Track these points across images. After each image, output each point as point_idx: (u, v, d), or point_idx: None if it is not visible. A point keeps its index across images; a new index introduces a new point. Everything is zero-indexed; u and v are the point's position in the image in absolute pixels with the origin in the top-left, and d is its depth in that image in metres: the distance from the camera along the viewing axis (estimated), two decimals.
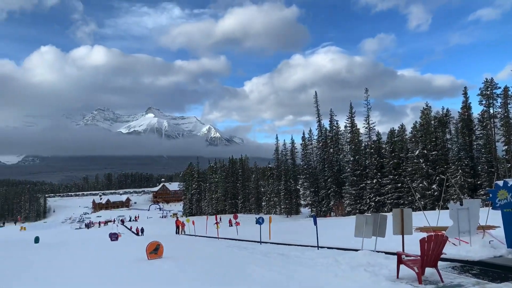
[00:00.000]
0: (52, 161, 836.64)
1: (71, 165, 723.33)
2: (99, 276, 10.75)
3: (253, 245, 17.36)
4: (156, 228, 57.86)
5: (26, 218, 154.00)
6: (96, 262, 14.50)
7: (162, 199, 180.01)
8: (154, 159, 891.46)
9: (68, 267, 13.45)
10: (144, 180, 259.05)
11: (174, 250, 15.93)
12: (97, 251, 19.77)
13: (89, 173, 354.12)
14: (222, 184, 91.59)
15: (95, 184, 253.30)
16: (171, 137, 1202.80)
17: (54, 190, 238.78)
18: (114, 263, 13.61)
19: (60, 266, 13.98)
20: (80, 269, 12.52)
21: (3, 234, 68.60)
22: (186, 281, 9.23)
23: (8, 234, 67.99)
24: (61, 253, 19.73)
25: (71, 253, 18.98)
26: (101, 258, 16.11)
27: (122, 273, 11.04)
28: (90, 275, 11.14)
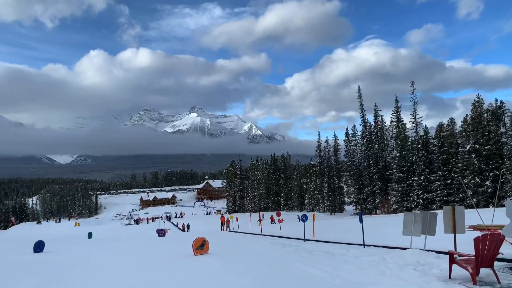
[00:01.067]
0: (102, 160, 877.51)
1: (120, 164, 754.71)
2: (149, 270, 11.17)
3: (297, 243, 17.30)
4: (201, 225, 59.14)
5: (80, 214, 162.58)
6: (146, 257, 15.06)
7: (206, 196, 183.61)
8: (197, 157, 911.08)
9: (120, 261, 14.08)
10: (188, 178, 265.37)
11: (219, 246, 16.21)
12: (146, 246, 20.51)
13: (137, 171, 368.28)
14: (264, 182, 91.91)
15: (143, 181, 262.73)
16: (214, 136, 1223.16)
17: (104, 188, 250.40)
18: (162, 258, 14.07)
19: (113, 260, 14.66)
20: (130, 263, 13.06)
21: (60, 230, 72.98)
22: (232, 277, 9.37)
23: (64, 230, 72.24)
24: (113, 248, 20.67)
25: (122, 248, 19.84)
26: (150, 253, 16.70)
27: (170, 268, 11.40)
28: (140, 269, 11.60)
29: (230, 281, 8.91)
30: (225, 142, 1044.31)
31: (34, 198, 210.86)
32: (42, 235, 39.84)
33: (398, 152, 55.51)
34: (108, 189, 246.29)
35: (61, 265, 13.43)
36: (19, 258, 16.21)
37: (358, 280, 7.85)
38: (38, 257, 16.29)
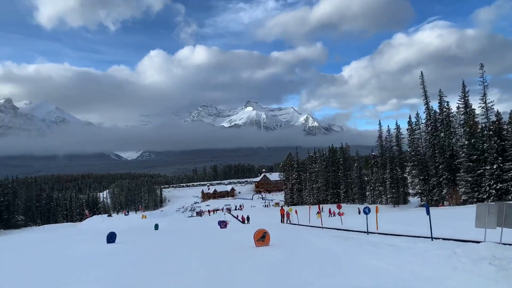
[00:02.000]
0: (165, 155, 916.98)
1: (182, 159, 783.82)
2: (214, 260, 11.52)
3: (359, 236, 16.92)
4: (260, 217, 59.84)
5: (146, 207, 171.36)
6: (210, 247, 15.55)
7: (264, 189, 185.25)
8: (254, 150, 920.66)
9: (186, 250, 14.67)
10: (246, 171, 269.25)
11: (280, 238, 16.30)
12: (210, 237, 21.17)
13: (197, 165, 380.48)
14: (323, 174, 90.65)
15: (203, 175, 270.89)
16: (270, 129, 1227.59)
17: (168, 182, 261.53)
18: (226, 249, 14.44)
19: (180, 249, 15.32)
20: (196, 253, 13.56)
21: (128, 222, 77.49)
22: (295, 268, 9.38)
23: (132, 222, 76.61)
24: (179, 238, 21.58)
25: (187, 239, 20.65)
26: (213, 243, 17.21)
27: (234, 258, 11.66)
28: (206, 258, 12.00)
29: (294, 272, 8.92)
30: (281, 135, 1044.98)
31: (104, 192, 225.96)
32: (113, 227, 42.64)
33: (466, 140, 51.92)
34: (171, 183, 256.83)
35: (132, 255, 14.29)
36: (95, 248, 17.48)
37: (427, 274, 7.51)
38: (111, 247, 17.46)
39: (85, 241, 22.23)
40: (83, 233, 34.33)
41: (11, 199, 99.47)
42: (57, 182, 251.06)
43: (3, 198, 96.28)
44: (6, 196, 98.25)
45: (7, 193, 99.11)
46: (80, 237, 27.41)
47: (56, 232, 53.12)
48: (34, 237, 34.05)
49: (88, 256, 14.55)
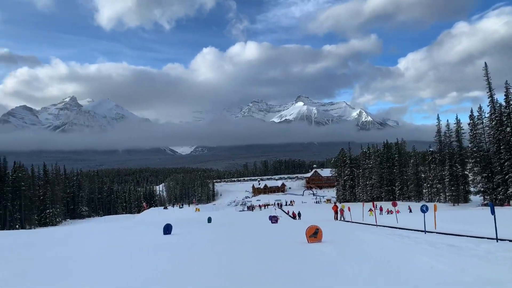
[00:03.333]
0: (217, 150, 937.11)
1: (233, 154, 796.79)
2: (266, 253, 11.65)
3: (416, 234, 16.27)
4: (311, 213, 59.39)
5: (199, 200, 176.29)
6: (262, 241, 15.72)
7: (315, 184, 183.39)
8: (305, 146, 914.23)
9: (239, 243, 14.94)
10: (296, 167, 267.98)
11: (333, 235, 16.11)
12: (261, 231, 21.38)
13: (248, 161, 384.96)
14: (377, 170, 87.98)
15: (254, 170, 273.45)
16: (321, 124, 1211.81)
17: (220, 176, 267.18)
18: (277, 244, 14.52)
19: (233, 242, 15.63)
20: (249, 246, 13.78)
21: (183, 214, 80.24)
22: (349, 266, 9.24)
23: (187, 214, 79.25)
24: (231, 231, 22.02)
25: (240, 232, 21.01)
26: (265, 238, 17.37)
27: (286, 253, 11.71)
28: (258, 252, 12.16)
29: (347, 269, 8.80)
30: (332, 130, 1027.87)
31: (160, 185, 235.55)
32: (169, 219, 44.36)
33: None
34: (223, 177, 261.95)
35: (187, 245, 14.81)
36: (153, 238, 18.32)
37: (493, 278, 7.08)
38: (167, 238, 18.22)
39: (143, 232, 23.35)
40: (141, 224, 36.04)
41: (76, 191, 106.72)
42: (117, 175, 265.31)
43: (69, 190, 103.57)
44: (72, 188, 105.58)
45: (73, 185, 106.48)
46: (139, 228, 28.82)
47: (116, 222, 56.28)
48: (97, 227, 36.36)
49: (147, 245, 15.29)
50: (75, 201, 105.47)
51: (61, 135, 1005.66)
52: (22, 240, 20.47)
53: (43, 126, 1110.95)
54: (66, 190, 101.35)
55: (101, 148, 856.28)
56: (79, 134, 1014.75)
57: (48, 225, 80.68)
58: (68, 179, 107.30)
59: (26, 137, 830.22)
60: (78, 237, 20.53)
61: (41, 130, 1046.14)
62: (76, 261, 11.70)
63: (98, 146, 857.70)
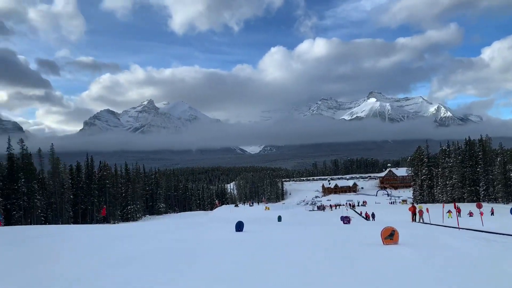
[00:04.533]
0: (285, 149, 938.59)
1: (302, 153, 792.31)
2: (338, 254, 11.34)
3: (505, 239, 14.83)
4: (386, 214, 57.00)
5: (268, 199, 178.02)
6: (333, 241, 15.36)
7: (389, 184, 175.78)
8: (378, 144, 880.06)
9: (310, 243, 14.74)
10: (369, 166, 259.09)
11: (410, 238, 15.26)
12: (333, 232, 20.94)
13: (317, 160, 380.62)
14: (458, 169, 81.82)
15: (323, 169, 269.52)
16: (395, 121, 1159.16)
17: (288, 175, 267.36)
18: (350, 245, 14.09)
19: (303, 241, 15.47)
20: (319, 246, 13.53)
21: (253, 212, 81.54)
22: (428, 270, 8.66)
23: (257, 213, 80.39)
24: (302, 231, 21.85)
25: (311, 232, 20.77)
26: (336, 238, 16.96)
27: (361, 255, 11.29)
28: (332, 252, 11.89)
29: (428, 275, 8.24)
30: (408, 127, 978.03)
31: (231, 184, 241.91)
32: (240, 216, 45.29)
33: None
34: (292, 177, 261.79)
35: (259, 243, 14.96)
36: (226, 235, 18.78)
37: None
38: (239, 235, 18.58)
39: (216, 228, 24.07)
40: (214, 221, 37.26)
41: (154, 188, 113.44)
42: (191, 174, 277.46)
43: (148, 188, 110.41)
44: (151, 186, 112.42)
45: (151, 183, 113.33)
46: (212, 224, 29.78)
47: (191, 219, 58.81)
48: (174, 222, 38.23)
49: (221, 241, 15.72)
50: (154, 198, 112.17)
51: (140, 136, 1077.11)
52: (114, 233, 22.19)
53: (125, 128, 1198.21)
54: (145, 187, 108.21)
55: (176, 148, 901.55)
56: (156, 135, 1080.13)
57: (129, 220, 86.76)
58: (147, 177, 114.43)
59: (109, 139, 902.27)
60: (160, 232, 21.77)
61: (123, 131, 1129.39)
62: (162, 253, 12.36)
63: (174, 146, 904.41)
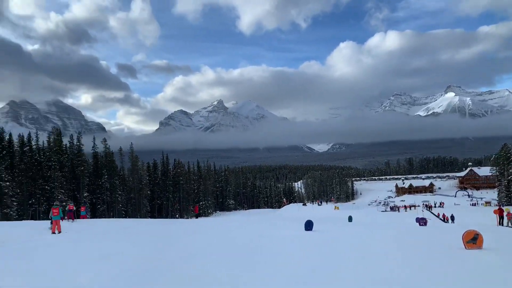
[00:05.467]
0: (355, 147, 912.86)
1: (373, 151, 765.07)
2: (416, 258, 10.64)
3: None
4: (467, 217, 52.85)
5: (338, 198, 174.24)
6: (409, 244, 14.50)
7: (470, 185, 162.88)
8: (457, 141, 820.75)
9: (384, 245, 14.05)
10: (447, 165, 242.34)
11: (496, 242, 13.91)
12: (407, 234, 19.84)
13: (390, 158, 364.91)
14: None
15: (397, 168, 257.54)
16: (477, 116, 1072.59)
17: (359, 174, 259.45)
18: (427, 248, 13.18)
19: (376, 243, 14.79)
20: (395, 249, 12.82)
21: (322, 212, 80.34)
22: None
23: (325, 212, 79.08)
24: (374, 232, 20.97)
25: (384, 233, 19.85)
26: (412, 241, 16.01)
27: (439, 259, 10.50)
28: (406, 256, 11.20)
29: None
30: (491, 123, 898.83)
31: (299, 182, 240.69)
32: (308, 215, 44.79)
33: None
34: (362, 176, 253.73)
35: (329, 242, 14.59)
36: (295, 233, 18.63)
37: None
38: (309, 234, 18.31)
39: (285, 226, 23.99)
40: (282, 219, 37.23)
41: (224, 185, 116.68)
42: (259, 172, 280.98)
43: (218, 185, 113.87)
44: (221, 183, 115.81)
45: (221, 180, 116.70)
46: (280, 222, 29.76)
47: (259, 216, 59.48)
48: (243, 219, 38.95)
49: (291, 239, 15.61)
50: (223, 194, 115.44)
51: (210, 135, 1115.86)
52: (190, 227, 23.21)
53: (196, 127, 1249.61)
54: (216, 184, 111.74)
55: (244, 146, 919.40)
56: (225, 133, 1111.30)
57: (201, 216, 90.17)
58: (217, 175, 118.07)
59: (182, 138, 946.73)
60: (233, 228, 22.30)
61: (195, 131, 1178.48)
62: (234, 248, 12.60)
63: (242, 144, 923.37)
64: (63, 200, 48.82)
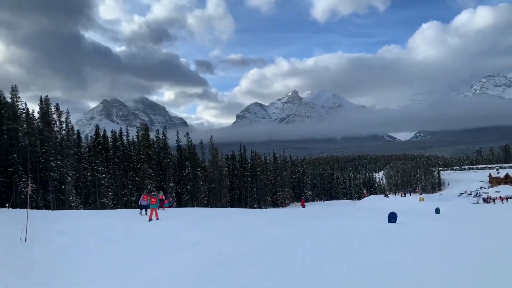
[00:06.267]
0: (442, 135, 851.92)
1: (461, 138, 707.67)
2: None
3: None
4: None
5: (423, 190, 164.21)
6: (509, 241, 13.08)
7: None
8: None
9: (477, 240, 12.85)
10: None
11: None
12: (507, 228, 17.97)
13: (482, 146, 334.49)
14: None
15: (490, 157, 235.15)
16: None
17: (446, 164, 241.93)
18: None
19: (468, 238, 13.60)
20: (491, 245, 11.65)
21: (406, 203, 76.35)
22: None
23: (409, 204, 74.97)
24: (466, 226, 19.38)
25: (478, 227, 18.24)
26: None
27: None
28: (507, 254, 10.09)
29: None
30: None
31: (380, 173, 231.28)
32: (391, 207, 42.86)
33: None
34: (450, 165, 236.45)
35: (414, 236, 13.72)
36: (377, 225, 17.86)
37: None
38: (392, 226, 17.43)
39: (366, 218, 23.15)
40: (363, 211, 36.03)
41: (301, 176, 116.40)
42: (336, 162, 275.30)
43: (295, 175, 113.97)
44: (297, 174, 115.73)
45: (298, 171, 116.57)
46: (361, 214, 28.84)
47: (338, 207, 58.36)
48: (321, 210, 38.50)
49: (374, 232, 14.99)
50: (300, 185, 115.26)
51: (285, 126, 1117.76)
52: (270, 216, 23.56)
53: (271, 119, 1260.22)
54: (292, 175, 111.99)
55: (320, 136, 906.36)
56: (300, 124, 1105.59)
57: (278, 206, 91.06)
58: (294, 166, 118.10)
59: (258, 129, 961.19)
60: (311, 218, 22.13)
61: (270, 122, 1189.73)
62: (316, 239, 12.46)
63: (318, 134, 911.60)
64: (152, 190, 52.37)
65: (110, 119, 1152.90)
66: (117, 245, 12.04)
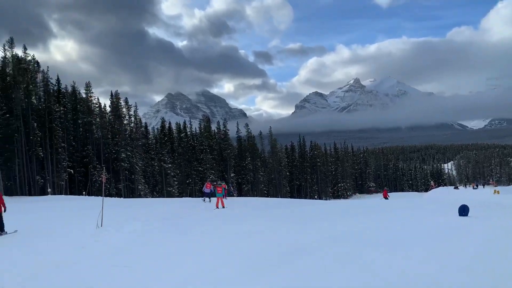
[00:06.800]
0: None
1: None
2: None
3: None
4: None
5: (498, 181, 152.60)
6: None
7: None
8: None
9: None
10: None
11: None
12: None
13: None
14: None
15: None
16: None
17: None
18: None
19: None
20: None
21: (478, 196, 71.24)
22: None
23: (482, 196, 69.84)
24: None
25: None
26: None
27: None
28: None
29: None
30: None
31: (449, 163, 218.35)
32: (461, 199, 40.27)
33: None
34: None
35: (486, 231, 12.88)
36: (447, 219, 16.96)
37: None
38: (464, 220, 16.47)
39: (435, 211, 22.01)
40: (431, 203, 34.30)
41: (363, 167, 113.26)
42: (401, 153, 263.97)
43: (357, 166, 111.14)
44: (359, 164, 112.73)
45: (360, 162, 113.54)
46: (429, 206, 27.48)
47: (403, 199, 56.04)
48: (386, 202, 37.26)
49: (444, 226, 14.30)
50: (363, 176, 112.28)
51: (347, 115, 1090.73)
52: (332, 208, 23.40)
53: (332, 108, 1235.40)
54: (354, 166, 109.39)
55: (384, 125, 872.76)
56: (362, 113, 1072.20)
57: (340, 198, 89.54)
58: (355, 156, 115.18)
59: (318, 120, 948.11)
60: (375, 211, 21.62)
61: (330, 112, 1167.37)
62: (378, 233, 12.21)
63: (381, 124, 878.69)
64: (214, 180, 54.02)
65: (174, 111, 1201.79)
66: (186, 231, 12.68)
